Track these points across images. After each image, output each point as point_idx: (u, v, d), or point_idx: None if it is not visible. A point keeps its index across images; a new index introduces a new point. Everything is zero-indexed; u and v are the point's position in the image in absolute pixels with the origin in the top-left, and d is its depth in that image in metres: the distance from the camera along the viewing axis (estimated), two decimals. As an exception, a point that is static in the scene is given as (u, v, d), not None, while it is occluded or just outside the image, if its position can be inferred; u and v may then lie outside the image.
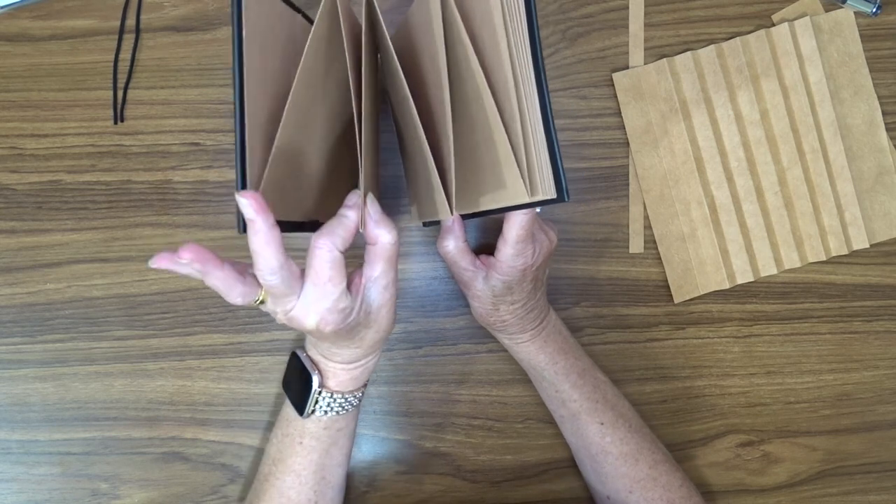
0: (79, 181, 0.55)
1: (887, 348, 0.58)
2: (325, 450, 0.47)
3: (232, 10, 0.34)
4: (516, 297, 0.47)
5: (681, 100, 0.56)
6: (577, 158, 0.57)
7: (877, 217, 0.57)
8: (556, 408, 0.52)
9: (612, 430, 0.50)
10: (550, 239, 0.46)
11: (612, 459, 0.49)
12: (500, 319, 0.48)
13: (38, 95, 0.54)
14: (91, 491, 0.55)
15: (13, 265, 0.54)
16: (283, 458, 0.47)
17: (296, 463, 0.47)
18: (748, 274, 0.57)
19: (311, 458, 0.47)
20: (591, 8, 0.56)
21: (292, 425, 0.47)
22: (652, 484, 0.49)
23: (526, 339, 0.50)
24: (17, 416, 0.55)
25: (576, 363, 0.51)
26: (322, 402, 0.45)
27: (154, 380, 0.55)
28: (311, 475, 0.47)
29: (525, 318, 0.49)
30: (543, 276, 0.48)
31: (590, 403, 0.50)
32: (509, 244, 0.43)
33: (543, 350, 0.50)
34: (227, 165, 0.55)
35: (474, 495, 0.56)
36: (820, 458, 0.58)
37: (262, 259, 0.34)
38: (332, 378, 0.45)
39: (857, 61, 0.57)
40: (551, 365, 0.50)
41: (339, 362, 0.45)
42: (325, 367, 0.45)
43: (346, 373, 0.45)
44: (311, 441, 0.47)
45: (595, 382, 0.51)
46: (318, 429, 0.46)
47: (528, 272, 0.45)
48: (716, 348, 0.57)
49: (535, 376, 0.53)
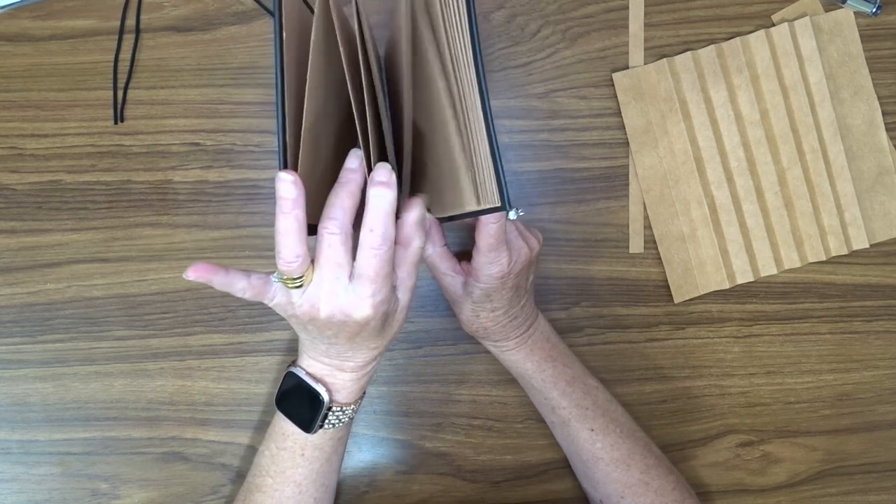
0: (79, 181, 0.55)
1: (887, 348, 0.58)
2: (326, 459, 0.46)
3: (274, 7, 0.35)
4: (496, 305, 0.46)
5: (681, 100, 0.56)
6: (577, 158, 0.57)
7: (877, 217, 0.57)
8: (547, 413, 0.52)
9: (603, 436, 0.49)
10: (531, 246, 0.46)
11: (603, 465, 0.49)
12: (482, 326, 0.48)
13: (38, 95, 0.54)
14: (91, 491, 0.55)
15: (13, 265, 0.54)
16: (281, 469, 0.46)
17: (297, 474, 0.46)
18: (748, 274, 0.57)
19: (312, 468, 0.46)
20: (591, 8, 0.56)
21: (291, 439, 0.46)
22: (644, 489, 0.49)
23: (511, 346, 0.50)
24: (17, 416, 0.55)
25: (565, 370, 0.50)
26: (332, 417, 0.44)
27: (154, 380, 0.55)
28: (312, 484, 0.46)
29: (508, 325, 0.48)
30: (526, 284, 0.48)
31: (579, 410, 0.50)
32: (481, 252, 0.43)
33: (530, 358, 0.50)
34: (227, 165, 0.55)
35: (474, 495, 0.56)
36: (820, 458, 0.58)
37: (287, 243, 0.34)
38: (341, 391, 0.44)
39: (857, 61, 0.57)
40: (539, 373, 0.50)
41: (350, 369, 0.43)
42: (331, 380, 0.44)
43: (354, 382, 0.44)
44: (314, 452, 0.46)
45: (585, 389, 0.51)
46: (322, 441, 0.46)
47: (507, 280, 0.44)
48: (716, 348, 0.58)
49: (524, 383, 0.53)
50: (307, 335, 0.42)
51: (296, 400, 0.45)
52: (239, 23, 0.55)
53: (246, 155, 0.55)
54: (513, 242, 0.44)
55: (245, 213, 0.55)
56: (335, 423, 0.44)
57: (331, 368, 0.44)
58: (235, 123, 0.55)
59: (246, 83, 0.55)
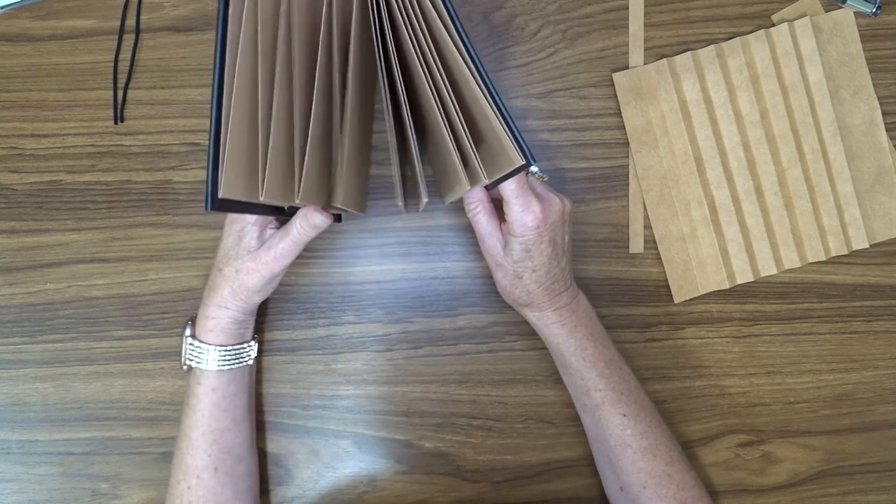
0: (79, 181, 0.55)
1: (887, 348, 0.58)
2: (206, 409, 0.48)
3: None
4: (537, 264, 0.47)
5: (681, 100, 0.56)
6: (577, 158, 0.57)
7: (876, 217, 0.57)
8: (580, 395, 0.52)
9: (634, 422, 0.49)
10: (563, 202, 0.47)
11: (631, 453, 0.49)
12: (526, 290, 0.48)
13: (38, 95, 0.54)
14: (91, 491, 0.55)
15: (13, 265, 0.54)
16: (180, 426, 0.49)
17: (185, 426, 0.49)
18: (748, 274, 0.57)
19: (194, 418, 0.48)
20: (591, 8, 0.56)
21: (186, 393, 0.50)
22: (667, 481, 0.49)
23: (555, 319, 0.50)
24: (17, 416, 0.55)
25: (605, 351, 0.51)
26: (191, 353, 0.49)
27: (154, 380, 0.55)
28: (201, 437, 0.48)
29: (550, 288, 0.48)
30: (563, 243, 0.48)
31: (614, 394, 0.50)
32: (510, 201, 0.45)
33: (573, 334, 0.50)
34: (227, 165, 0.55)
35: (474, 495, 0.56)
36: (820, 458, 0.58)
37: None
38: (200, 328, 0.49)
39: (856, 61, 0.57)
40: (580, 350, 0.50)
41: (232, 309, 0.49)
42: (200, 317, 0.49)
43: (212, 321, 0.49)
44: (191, 399, 0.49)
45: (620, 373, 0.51)
46: (193, 384, 0.49)
47: (543, 231, 0.46)
48: (716, 348, 0.58)
49: (561, 363, 0.52)
50: None
51: None
52: (239, 23, 0.55)
53: (246, 155, 0.55)
54: (541, 195, 0.47)
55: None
56: (190, 359, 0.49)
57: (212, 306, 0.50)
58: (235, 123, 0.55)
59: (246, 83, 0.55)
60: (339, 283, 0.56)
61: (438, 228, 0.56)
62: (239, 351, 0.50)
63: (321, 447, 0.55)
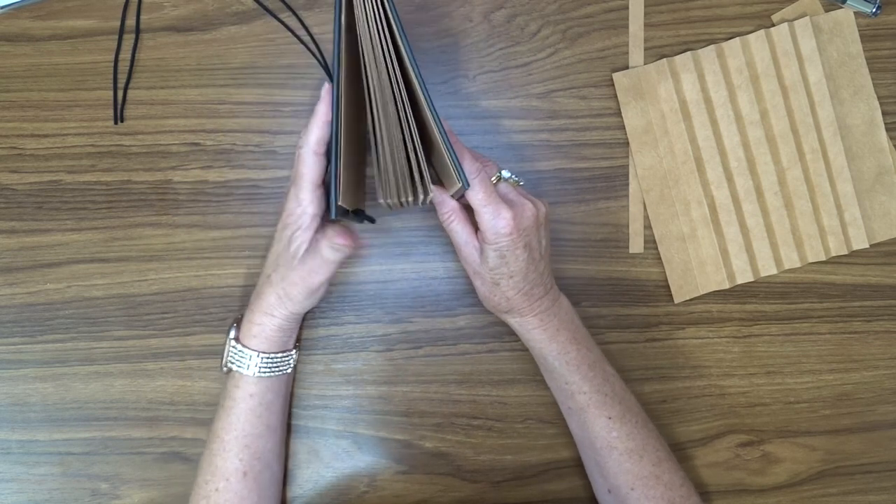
0: (79, 181, 0.55)
1: (887, 348, 0.58)
2: (241, 413, 0.48)
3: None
4: (513, 270, 0.47)
5: (681, 100, 0.56)
6: (577, 158, 0.57)
7: (876, 217, 0.58)
8: (565, 399, 0.52)
9: (620, 424, 0.49)
10: (536, 206, 0.47)
11: (617, 455, 0.49)
12: (504, 297, 0.48)
13: (38, 95, 0.54)
14: (91, 491, 0.55)
15: (13, 265, 0.54)
16: (213, 426, 0.49)
17: (218, 427, 0.49)
18: (748, 274, 0.57)
19: (229, 421, 0.48)
20: (591, 8, 0.56)
21: (222, 394, 0.50)
22: (654, 482, 0.49)
23: (536, 323, 0.50)
24: (17, 416, 0.55)
25: (587, 354, 0.50)
26: (233, 356, 0.49)
27: (154, 380, 0.55)
28: (233, 440, 0.48)
29: (529, 293, 0.48)
30: (540, 247, 0.48)
31: (599, 396, 0.50)
32: (479, 210, 0.45)
33: (555, 339, 0.50)
34: (226, 165, 0.55)
35: (474, 495, 0.56)
36: (820, 458, 0.58)
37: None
38: (244, 332, 0.49)
39: (856, 61, 0.57)
40: (562, 354, 0.50)
41: (276, 316, 0.48)
42: (245, 321, 0.49)
43: (257, 327, 0.48)
44: (227, 402, 0.49)
45: (604, 375, 0.51)
46: (231, 387, 0.49)
47: (517, 237, 0.45)
48: (716, 348, 0.58)
49: (544, 367, 0.52)
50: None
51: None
52: (239, 23, 0.55)
53: (246, 155, 0.55)
54: (513, 200, 0.46)
55: (245, 213, 0.55)
56: (230, 362, 0.49)
57: (258, 312, 0.49)
58: (235, 123, 0.55)
59: (246, 83, 0.55)
60: (339, 283, 0.56)
61: (438, 228, 0.56)
62: (281, 359, 0.50)
63: (321, 447, 0.55)
